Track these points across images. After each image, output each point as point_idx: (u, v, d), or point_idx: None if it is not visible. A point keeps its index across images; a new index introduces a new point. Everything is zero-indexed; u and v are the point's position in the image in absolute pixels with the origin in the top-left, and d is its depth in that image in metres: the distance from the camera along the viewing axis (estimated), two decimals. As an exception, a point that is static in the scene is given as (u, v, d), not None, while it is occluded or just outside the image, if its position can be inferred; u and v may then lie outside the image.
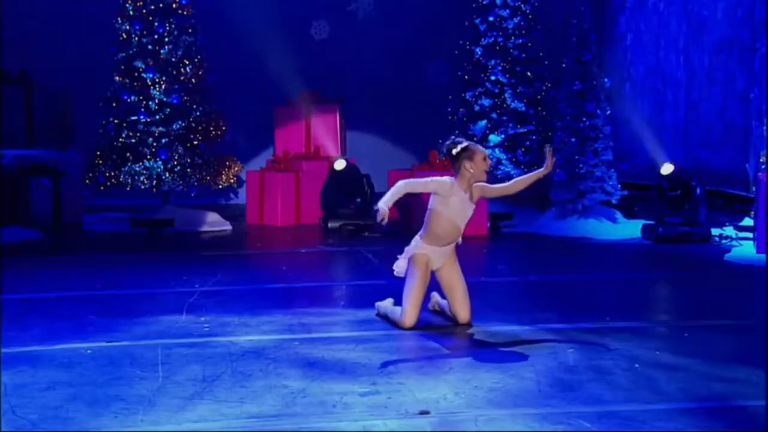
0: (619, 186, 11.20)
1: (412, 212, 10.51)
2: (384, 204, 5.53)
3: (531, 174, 5.91)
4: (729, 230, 10.34)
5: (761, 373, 4.83)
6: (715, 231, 10.25)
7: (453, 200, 5.72)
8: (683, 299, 7.30)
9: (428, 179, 5.76)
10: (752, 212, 10.23)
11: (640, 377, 4.75)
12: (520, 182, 5.92)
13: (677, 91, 13.23)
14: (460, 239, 5.95)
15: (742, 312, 6.69)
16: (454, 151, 5.70)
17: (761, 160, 9.69)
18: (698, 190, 10.17)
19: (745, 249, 9.49)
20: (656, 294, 7.68)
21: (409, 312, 5.75)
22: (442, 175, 5.86)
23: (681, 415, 4.16)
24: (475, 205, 5.86)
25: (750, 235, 9.82)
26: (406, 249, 5.91)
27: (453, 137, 5.93)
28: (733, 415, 4.18)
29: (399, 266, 5.94)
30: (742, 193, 11.61)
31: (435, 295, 6.26)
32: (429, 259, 5.82)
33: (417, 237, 5.89)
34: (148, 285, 7.41)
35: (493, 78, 12.14)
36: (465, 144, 5.73)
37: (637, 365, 4.97)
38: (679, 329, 5.91)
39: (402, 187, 5.68)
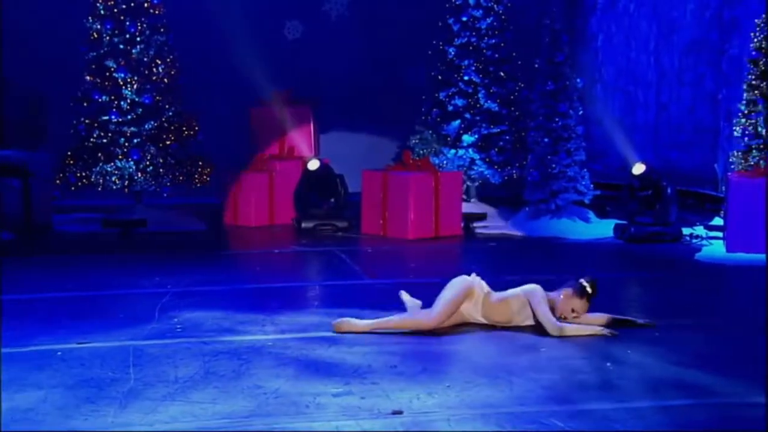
0: (592, 186, 11.27)
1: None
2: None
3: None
4: (699, 230, 10.45)
5: (731, 372, 4.89)
6: (685, 231, 10.35)
7: None
8: (654, 299, 7.36)
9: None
10: (722, 212, 10.34)
11: (612, 376, 4.79)
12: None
13: (648, 91, 13.34)
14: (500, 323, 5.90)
15: (712, 311, 6.77)
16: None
17: (730, 160, 9.80)
18: (669, 190, 10.26)
19: (715, 248, 9.59)
20: (628, 294, 7.74)
21: (439, 317, 5.72)
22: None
23: (652, 413, 4.20)
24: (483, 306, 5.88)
25: (720, 234, 9.93)
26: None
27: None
28: (704, 414, 4.23)
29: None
30: (711, 192, 11.74)
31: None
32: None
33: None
34: (120, 286, 7.35)
35: (466, 78, 12.16)
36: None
37: (608, 364, 5.01)
38: (649, 329, 5.96)
39: None
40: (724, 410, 4.28)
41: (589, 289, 5.81)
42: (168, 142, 11.28)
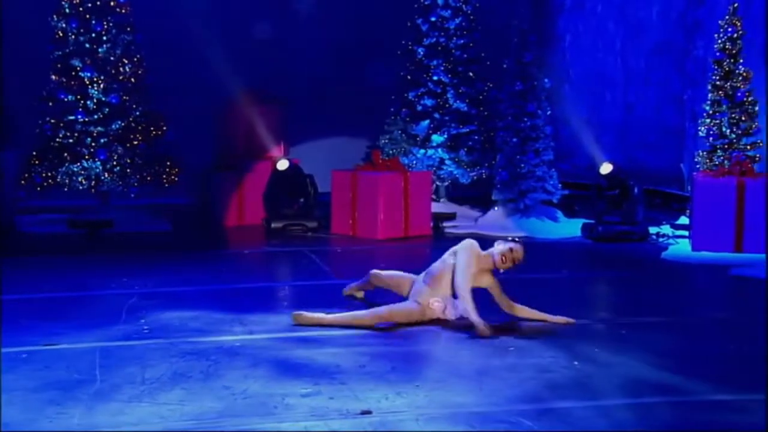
0: (560, 185, 11.34)
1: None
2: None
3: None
4: (666, 229, 10.56)
5: (697, 370, 4.94)
6: (652, 230, 10.45)
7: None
8: (621, 297, 7.43)
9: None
10: (687, 211, 10.46)
11: (579, 374, 4.82)
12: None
13: (615, 92, 13.46)
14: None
15: (677, 309, 6.84)
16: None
17: (695, 159, 9.91)
18: (635, 190, 10.35)
19: (681, 247, 9.69)
20: (595, 292, 7.81)
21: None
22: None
23: (618, 411, 4.23)
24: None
25: (686, 233, 10.04)
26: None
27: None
28: (671, 411, 4.27)
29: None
30: (677, 192, 11.86)
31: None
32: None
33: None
34: (87, 287, 7.27)
35: (435, 78, 12.19)
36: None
37: (576, 362, 5.04)
38: (617, 327, 6.02)
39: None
40: (690, 408, 4.33)
41: (516, 238, 5.99)
42: (135, 142, 11.18)
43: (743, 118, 9.51)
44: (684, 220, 10.71)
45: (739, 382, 4.76)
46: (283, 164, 11.30)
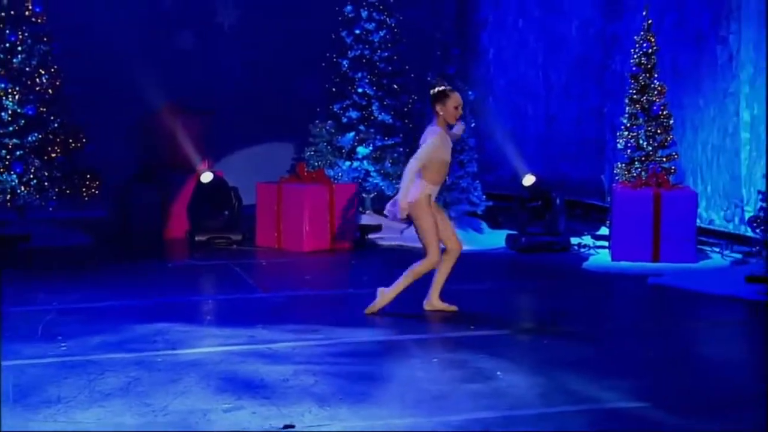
0: (484, 197, 11.46)
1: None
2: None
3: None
4: (587, 239, 10.76)
5: (614, 378, 5.05)
6: (574, 240, 10.64)
7: (445, 143, 6.62)
8: (543, 307, 7.54)
9: (429, 147, 6.57)
10: (607, 221, 10.69)
11: (501, 384, 4.87)
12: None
13: (537, 105, 13.69)
14: None
15: (597, 319, 6.98)
16: (432, 92, 6.62)
17: (615, 171, 10.14)
18: (558, 201, 10.52)
19: (601, 257, 9.88)
20: (518, 303, 7.91)
21: (435, 250, 6.61)
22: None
23: (540, 420, 4.29)
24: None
25: (606, 243, 10.25)
26: (408, 193, 6.45)
27: (440, 82, 6.72)
28: (589, 419, 4.35)
29: (392, 212, 6.73)
30: (598, 202, 12.11)
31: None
32: (430, 197, 6.58)
33: (417, 181, 6.49)
34: (2, 304, 7.04)
35: (360, 90, 12.22)
36: (442, 88, 6.59)
37: (498, 373, 5.10)
38: (538, 337, 6.11)
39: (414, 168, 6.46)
40: (606, 415, 4.41)
41: (440, 87, 6.60)
42: (53, 155, 10.92)
43: (659, 131, 9.77)
44: (604, 230, 10.93)
45: (656, 389, 4.87)
46: (206, 177, 11.17)
